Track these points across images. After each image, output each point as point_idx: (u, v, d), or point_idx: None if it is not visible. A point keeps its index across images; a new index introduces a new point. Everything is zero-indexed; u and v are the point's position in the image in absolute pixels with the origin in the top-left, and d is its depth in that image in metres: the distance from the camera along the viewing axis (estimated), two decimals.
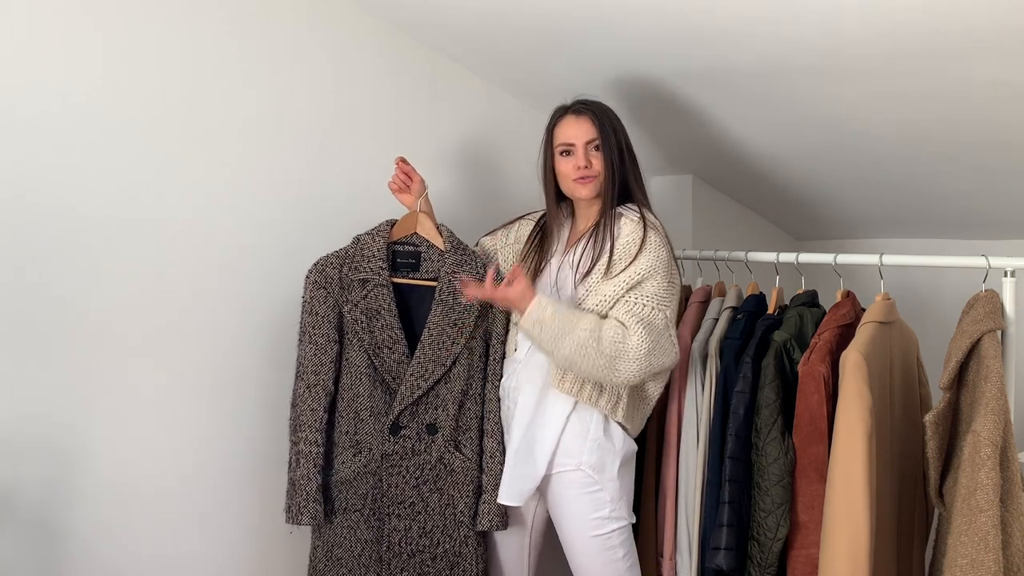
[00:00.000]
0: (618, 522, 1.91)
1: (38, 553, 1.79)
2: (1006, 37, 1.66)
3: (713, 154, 2.61)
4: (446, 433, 1.94)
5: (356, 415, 1.94)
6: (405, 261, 2.01)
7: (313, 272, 1.95)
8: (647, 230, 1.89)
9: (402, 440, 1.92)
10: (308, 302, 1.94)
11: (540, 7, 1.95)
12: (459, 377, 1.95)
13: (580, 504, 1.90)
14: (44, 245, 1.77)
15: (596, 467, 1.89)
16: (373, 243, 1.97)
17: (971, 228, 2.72)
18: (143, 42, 1.88)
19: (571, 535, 1.93)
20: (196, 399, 1.98)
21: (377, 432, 1.92)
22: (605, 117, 1.95)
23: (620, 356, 1.79)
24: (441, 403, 1.94)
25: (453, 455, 1.95)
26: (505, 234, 2.14)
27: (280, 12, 2.07)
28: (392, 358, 1.92)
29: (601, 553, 1.91)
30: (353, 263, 1.94)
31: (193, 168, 1.96)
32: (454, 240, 2.01)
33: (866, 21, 1.70)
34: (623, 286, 1.84)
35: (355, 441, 1.94)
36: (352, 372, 1.94)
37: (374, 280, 1.93)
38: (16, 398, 1.75)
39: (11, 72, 1.73)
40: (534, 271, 2.01)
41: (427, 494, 1.93)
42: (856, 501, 1.70)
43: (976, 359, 1.72)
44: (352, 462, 1.93)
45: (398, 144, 2.24)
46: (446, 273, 1.97)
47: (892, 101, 2.02)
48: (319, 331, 1.93)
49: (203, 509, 2.00)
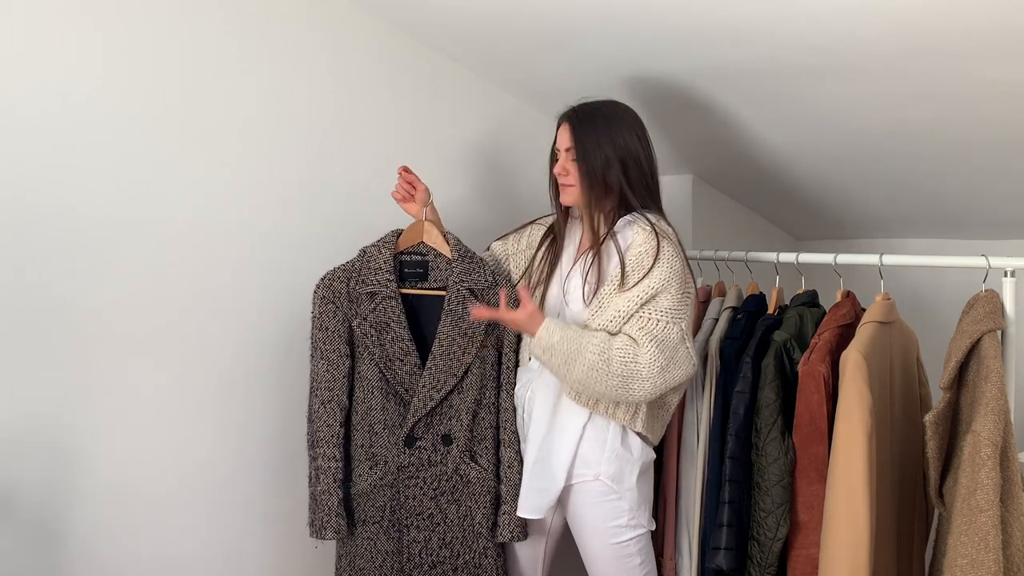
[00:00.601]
0: (636, 530, 1.90)
1: (38, 553, 1.79)
2: (1006, 37, 1.66)
3: (713, 154, 2.61)
4: (461, 444, 1.92)
5: (370, 428, 1.93)
6: (413, 271, 1.99)
7: (321, 287, 1.93)
8: (660, 240, 1.82)
9: (417, 452, 1.91)
10: (318, 318, 1.92)
11: (540, 7, 1.95)
12: (472, 387, 1.94)
13: (598, 513, 1.89)
14: (44, 245, 1.77)
15: (615, 477, 1.87)
16: (379, 255, 1.94)
17: (971, 228, 2.72)
18: (143, 42, 1.88)
19: (589, 543, 1.93)
20: (197, 399, 1.98)
21: (392, 444, 1.91)
22: (589, 125, 1.88)
23: (633, 376, 1.75)
24: (455, 413, 1.92)
25: (469, 466, 1.93)
26: (517, 239, 2.10)
27: (280, 12, 2.07)
28: (404, 370, 1.91)
29: (618, 560, 1.90)
30: (360, 276, 1.93)
31: (193, 168, 1.96)
32: (461, 248, 1.98)
33: (866, 21, 1.70)
34: (637, 301, 1.79)
35: (371, 454, 1.93)
36: (364, 386, 1.93)
37: (382, 292, 1.91)
38: (16, 398, 1.75)
39: (11, 72, 1.73)
40: (546, 277, 1.98)
41: (445, 505, 1.92)
42: (856, 501, 1.70)
43: (976, 359, 1.72)
44: (369, 475, 1.92)
45: (398, 144, 2.24)
46: (455, 282, 1.95)
47: (893, 101, 2.02)
48: (330, 346, 1.92)
49: (203, 509, 2.00)
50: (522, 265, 2.05)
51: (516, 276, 2.05)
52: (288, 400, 2.07)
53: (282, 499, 2.09)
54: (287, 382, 2.07)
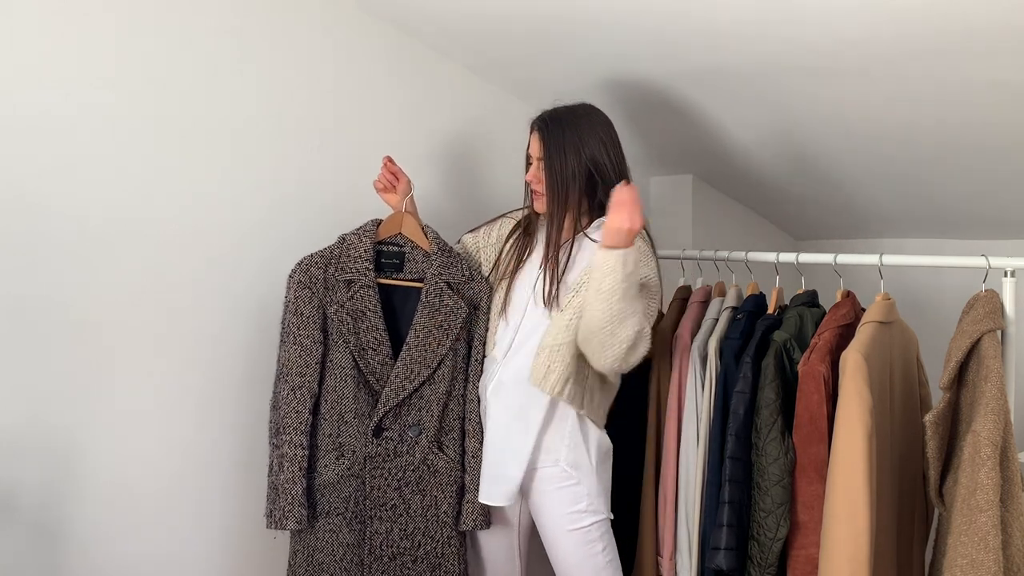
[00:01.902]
0: (596, 515, 1.93)
1: (38, 553, 1.79)
2: (1006, 37, 1.66)
3: (713, 154, 2.61)
4: (430, 434, 1.93)
5: (340, 417, 1.92)
6: (389, 261, 2.00)
7: (297, 272, 1.92)
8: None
9: (384, 442, 1.90)
10: (292, 302, 1.91)
11: (539, 7, 1.95)
12: (444, 379, 1.95)
13: (558, 498, 1.93)
14: (43, 246, 1.77)
15: (573, 463, 1.92)
16: (360, 243, 1.95)
17: (971, 228, 2.72)
18: (142, 43, 1.88)
19: (550, 530, 1.95)
20: (197, 399, 1.98)
21: (360, 434, 1.90)
22: (557, 133, 1.91)
23: (640, 340, 1.82)
24: (425, 405, 1.93)
25: (437, 456, 1.94)
26: (487, 232, 2.14)
27: (281, 13, 2.07)
28: (376, 359, 1.91)
29: (581, 547, 1.92)
30: (340, 263, 1.93)
31: (193, 168, 1.96)
32: (440, 242, 2.00)
33: (866, 21, 1.70)
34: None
35: (338, 444, 1.91)
36: (337, 374, 1.92)
37: (360, 281, 1.92)
38: (16, 398, 1.75)
39: (11, 73, 1.73)
40: (511, 271, 2.02)
41: (408, 496, 1.92)
42: (856, 501, 1.70)
43: (976, 359, 1.72)
44: (335, 465, 1.90)
45: (398, 144, 2.24)
46: (433, 275, 1.96)
47: (892, 101, 2.02)
48: (304, 332, 1.90)
49: (203, 510, 2.00)
50: (492, 258, 2.09)
51: (486, 269, 2.08)
52: None
53: None
54: None
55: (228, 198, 2.02)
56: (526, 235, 2.06)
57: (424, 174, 2.27)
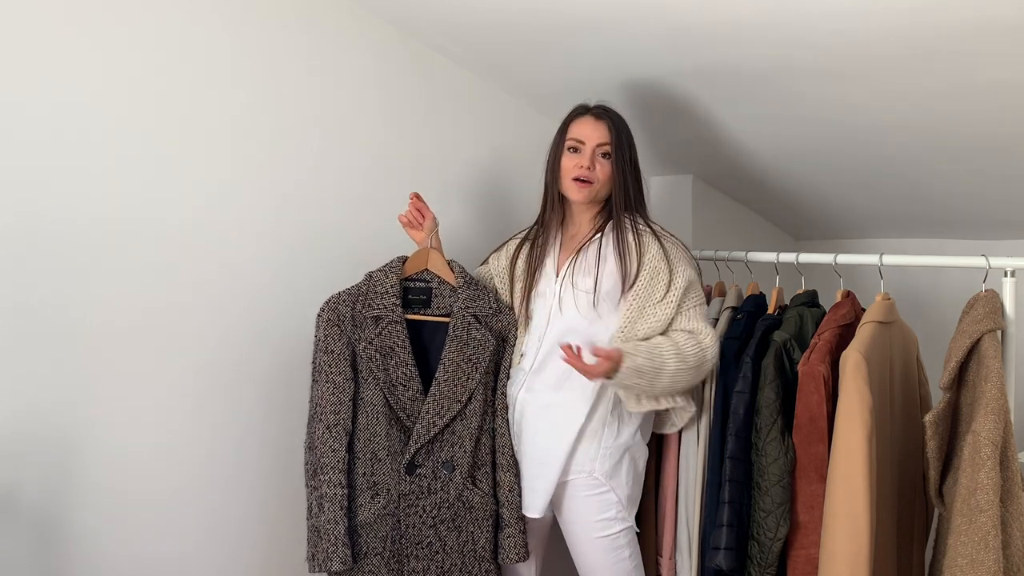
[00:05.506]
0: (624, 523, 1.93)
1: (38, 553, 1.78)
2: (1007, 37, 1.66)
3: (713, 154, 2.61)
4: (464, 470, 1.92)
5: (374, 455, 1.90)
6: (416, 297, 2.00)
7: (326, 310, 1.92)
8: (665, 245, 1.94)
9: (418, 479, 1.90)
10: (323, 340, 1.90)
11: (540, 7, 1.95)
12: (475, 413, 1.94)
13: (588, 506, 1.92)
14: (43, 246, 1.77)
15: (608, 474, 1.91)
16: (386, 280, 1.95)
17: (971, 228, 2.72)
18: (141, 44, 1.88)
19: (578, 537, 1.94)
20: (197, 399, 1.98)
21: (393, 472, 1.89)
22: (622, 128, 1.98)
23: (703, 360, 1.89)
24: (458, 440, 1.92)
25: (472, 492, 1.93)
26: (496, 259, 2.14)
27: (281, 13, 2.07)
28: (406, 396, 1.90)
29: (608, 553, 1.92)
30: (367, 300, 1.92)
31: (192, 169, 1.96)
32: (466, 275, 2.01)
33: (866, 21, 1.70)
34: (673, 304, 1.91)
35: (372, 483, 1.90)
36: (369, 411, 1.91)
37: (388, 317, 1.91)
38: (16, 398, 1.74)
39: (11, 73, 1.73)
40: (530, 284, 2.01)
41: (444, 533, 1.90)
42: (856, 501, 1.70)
43: (976, 359, 1.72)
44: (371, 504, 1.89)
45: (398, 144, 2.25)
46: (460, 308, 1.96)
47: (893, 101, 2.02)
48: (336, 369, 1.89)
49: (203, 510, 2.00)
50: (506, 281, 2.08)
51: (504, 295, 2.08)
52: (288, 400, 2.07)
53: (283, 500, 2.09)
54: (286, 382, 2.07)
55: (229, 199, 2.01)
56: (534, 247, 2.05)
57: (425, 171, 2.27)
